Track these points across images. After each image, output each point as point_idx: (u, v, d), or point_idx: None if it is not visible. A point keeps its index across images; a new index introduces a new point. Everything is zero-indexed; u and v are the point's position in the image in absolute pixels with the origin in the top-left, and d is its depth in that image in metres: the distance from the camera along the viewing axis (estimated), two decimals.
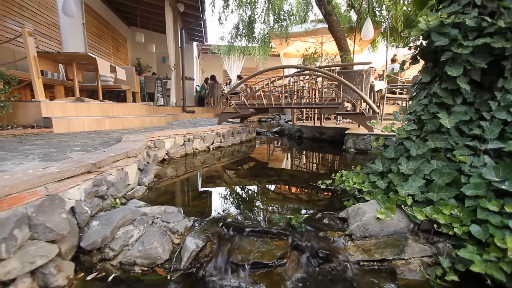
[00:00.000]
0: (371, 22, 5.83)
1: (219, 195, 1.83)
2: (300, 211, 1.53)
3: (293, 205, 1.64)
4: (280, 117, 11.46)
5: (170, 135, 2.89)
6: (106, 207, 1.29)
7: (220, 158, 3.25)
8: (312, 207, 1.59)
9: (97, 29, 8.21)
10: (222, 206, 1.61)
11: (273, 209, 1.57)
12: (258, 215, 1.49)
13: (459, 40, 1.15)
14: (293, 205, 1.66)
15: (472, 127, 1.21)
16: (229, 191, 1.91)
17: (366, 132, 3.39)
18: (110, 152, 1.47)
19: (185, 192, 1.85)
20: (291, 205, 1.66)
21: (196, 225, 1.24)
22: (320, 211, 1.52)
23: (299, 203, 1.70)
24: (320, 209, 1.55)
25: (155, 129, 3.71)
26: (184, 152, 3.03)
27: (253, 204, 1.66)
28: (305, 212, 1.51)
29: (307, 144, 4.62)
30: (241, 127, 4.55)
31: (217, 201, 1.70)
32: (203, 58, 16.06)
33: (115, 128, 3.99)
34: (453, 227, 1.05)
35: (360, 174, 1.56)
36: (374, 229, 1.18)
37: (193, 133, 3.26)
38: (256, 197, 1.81)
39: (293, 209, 1.57)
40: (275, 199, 1.77)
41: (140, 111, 5.03)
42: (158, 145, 2.67)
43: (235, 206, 1.64)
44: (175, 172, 2.37)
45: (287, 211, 1.56)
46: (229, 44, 10.59)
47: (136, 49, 11.51)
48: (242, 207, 1.61)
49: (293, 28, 9.26)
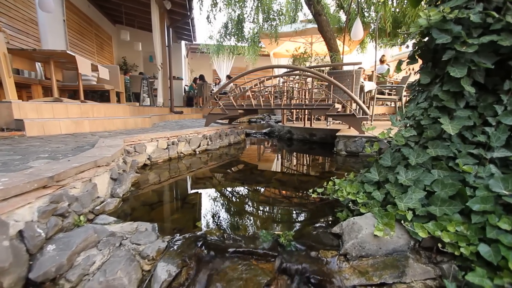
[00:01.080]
0: (361, 23, 5.78)
1: (201, 206, 1.68)
2: (289, 225, 1.40)
3: (282, 217, 1.51)
4: (270, 118, 11.36)
5: (152, 138, 2.71)
6: (68, 226, 1.12)
7: (207, 161, 3.09)
8: (303, 219, 1.46)
9: (79, 26, 7.87)
10: (205, 219, 1.46)
11: (260, 222, 1.44)
12: (243, 229, 1.35)
13: (463, 38, 1.04)
14: (282, 216, 1.52)
15: (476, 133, 1.10)
16: (213, 200, 1.77)
17: (357, 134, 3.30)
18: (75, 162, 1.29)
19: (165, 203, 1.69)
20: (279, 216, 1.53)
21: (172, 246, 1.08)
22: (311, 223, 1.40)
23: (288, 214, 1.57)
24: (312, 221, 1.43)
25: (139, 132, 3.51)
26: (168, 157, 2.86)
27: (238, 216, 1.52)
28: (295, 226, 1.38)
29: (297, 145, 4.51)
30: (229, 128, 4.39)
31: (199, 213, 1.55)
32: (192, 57, 15.79)
33: (95, 130, 3.77)
34: (459, 247, 0.94)
35: (354, 183, 1.44)
36: (371, 247, 1.06)
37: (178, 136, 3.08)
38: (242, 207, 1.66)
39: (282, 222, 1.44)
40: (263, 210, 1.63)
41: (123, 112, 4.80)
42: (139, 149, 2.49)
43: (218, 218, 1.49)
44: (156, 178, 2.20)
45: (275, 224, 1.42)
46: (218, 43, 10.40)
47: (121, 48, 11.17)
48: (226, 220, 1.46)
49: (283, 28, 9.17)
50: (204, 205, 1.69)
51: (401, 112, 1.38)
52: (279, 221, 1.45)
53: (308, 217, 1.48)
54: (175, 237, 1.16)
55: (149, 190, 1.90)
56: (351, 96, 3.19)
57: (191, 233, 1.23)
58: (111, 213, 1.41)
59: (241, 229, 1.35)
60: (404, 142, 1.20)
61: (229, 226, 1.39)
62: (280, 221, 1.45)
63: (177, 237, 1.16)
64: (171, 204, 1.70)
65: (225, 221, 1.45)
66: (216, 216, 1.53)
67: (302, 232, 1.28)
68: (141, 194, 1.79)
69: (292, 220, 1.46)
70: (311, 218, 1.47)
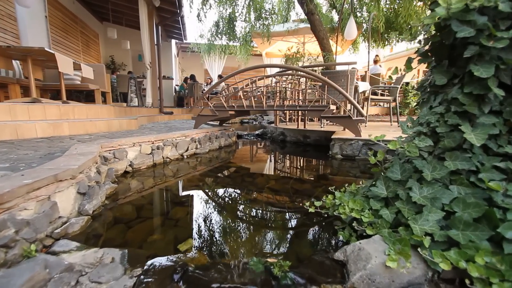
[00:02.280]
0: (354, 22, 5.65)
1: (186, 222, 1.48)
2: (284, 248, 1.22)
3: (276, 237, 1.33)
4: (262, 118, 11.19)
5: (134, 143, 2.50)
6: (13, 259, 0.91)
7: (195, 166, 2.88)
8: (300, 240, 1.28)
9: (63, 23, 7.53)
10: (188, 240, 1.26)
11: (251, 244, 1.25)
12: (231, 253, 1.16)
13: (489, 31, 0.88)
14: (275, 236, 1.34)
15: (501, 143, 0.94)
16: (199, 216, 1.57)
17: (353, 136, 3.15)
18: (28, 177, 1.08)
19: (143, 219, 1.49)
20: (273, 235, 1.34)
21: (142, 283, 0.89)
22: (309, 245, 1.22)
23: (283, 233, 1.39)
24: (309, 242, 1.25)
25: (122, 135, 3.28)
26: (152, 162, 2.64)
27: (227, 236, 1.33)
28: (290, 249, 1.20)
29: (290, 148, 4.34)
30: (219, 131, 4.19)
31: (182, 232, 1.36)
32: (183, 57, 15.49)
33: (75, 133, 3.51)
34: (491, 283, 0.78)
35: (357, 196, 1.27)
36: (382, 280, 0.89)
37: (163, 139, 2.87)
38: (231, 224, 1.47)
39: (276, 243, 1.25)
40: (254, 227, 1.44)
41: (107, 113, 4.54)
42: (119, 155, 2.27)
43: (204, 239, 1.30)
44: (137, 188, 1.99)
45: (269, 246, 1.24)
46: (210, 42, 10.17)
47: (109, 46, 10.81)
48: (212, 241, 1.27)
49: (275, 27, 9.01)
50: (189, 221, 1.50)
51: (411, 117, 1.22)
52: (272, 243, 1.26)
53: (305, 237, 1.30)
54: (148, 268, 0.96)
55: (127, 203, 1.69)
56: (347, 97, 3.04)
57: (170, 261, 1.04)
58: (76, 236, 1.20)
59: (229, 253, 1.16)
60: (418, 153, 1.04)
61: (215, 249, 1.19)
62: (273, 243, 1.26)
63: (151, 267, 0.97)
64: (151, 221, 1.49)
65: (211, 243, 1.26)
66: (201, 236, 1.33)
67: (300, 258, 1.10)
68: (117, 209, 1.58)
69: (288, 241, 1.28)
70: (309, 239, 1.29)
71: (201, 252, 1.15)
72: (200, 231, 1.38)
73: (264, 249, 1.21)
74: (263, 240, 1.29)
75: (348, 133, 3.54)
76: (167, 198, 1.87)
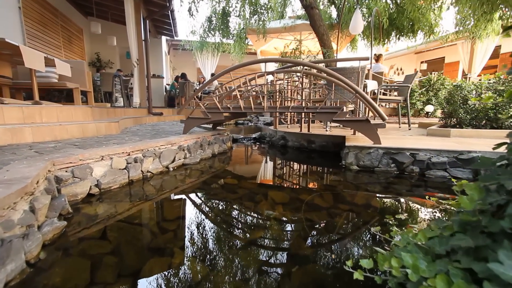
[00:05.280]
0: (360, 15, 5.19)
1: (153, 282, 0.97)
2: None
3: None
4: (258, 119, 10.69)
5: (103, 155, 1.96)
6: None
7: (184, 179, 2.37)
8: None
9: (40, 16, 6.88)
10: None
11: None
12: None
13: None
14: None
15: None
16: (177, 274, 1.05)
17: (372, 144, 2.67)
18: None
19: (96, 284, 0.96)
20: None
21: None
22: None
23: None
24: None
25: (97, 142, 2.72)
26: (128, 179, 2.10)
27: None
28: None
29: (293, 154, 3.85)
30: (213, 135, 3.66)
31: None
32: (174, 55, 14.88)
33: (41, 140, 2.95)
34: None
35: (441, 262, 0.77)
36: None
37: (143, 149, 2.33)
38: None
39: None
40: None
41: (83, 115, 3.97)
42: (80, 174, 1.74)
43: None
44: (100, 221, 1.46)
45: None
46: (202, 39, 9.60)
47: (95, 42, 10.15)
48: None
49: (271, 23, 8.51)
50: (158, 283, 0.98)
51: None
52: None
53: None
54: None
55: (77, 254, 1.16)
56: (366, 98, 2.55)
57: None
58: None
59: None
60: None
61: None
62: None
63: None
64: (100, 286, 0.97)
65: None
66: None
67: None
68: (54, 267, 1.05)
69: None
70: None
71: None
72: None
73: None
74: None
75: (361, 139, 3.07)
76: (141, 239, 1.34)
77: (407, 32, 8.45)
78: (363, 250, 1.22)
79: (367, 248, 1.23)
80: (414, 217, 1.57)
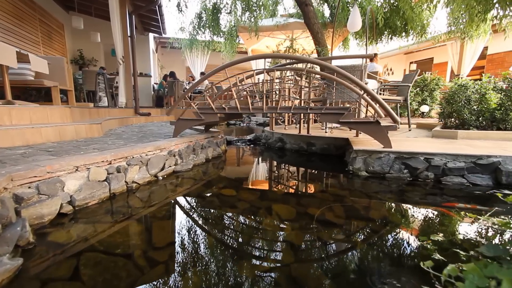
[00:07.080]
0: (359, 11, 5.01)
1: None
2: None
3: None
4: (250, 119, 10.43)
5: (77, 166, 1.64)
6: None
7: (175, 189, 2.08)
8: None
9: (15, 9, 6.37)
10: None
11: None
12: None
13: None
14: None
15: None
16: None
17: (382, 148, 2.45)
18: None
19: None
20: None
21: None
22: None
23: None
24: None
25: (75, 146, 2.39)
26: (108, 193, 1.79)
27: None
28: None
29: (291, 157, 3.60)
30: (206, 138, 3.37)
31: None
32: (163, 53, 14.39)
33: (9, 145, 2.57)
34: None
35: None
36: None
37: (127, 157, 2.02)
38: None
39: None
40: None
41: (61, 116, 3.58)
42: (48, 190, 1.42)
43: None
44: (70, 250, 1.16)
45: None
46: (191, 36, 9.23)
47: (77, 39, 9.59)
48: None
49: (263, 21, 8.24)
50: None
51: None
52: None
53: None
54: None
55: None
56: (377, 98, 2.32)
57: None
58: None
59: None
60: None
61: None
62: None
63: None
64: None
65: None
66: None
67: None
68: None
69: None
70: None
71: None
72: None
73: None
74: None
75: (366, 142, 2.85)
76: (124, 277, 1.05)
77: (400, 32, 8.36)
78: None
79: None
80: (453, 236, 1.33)
